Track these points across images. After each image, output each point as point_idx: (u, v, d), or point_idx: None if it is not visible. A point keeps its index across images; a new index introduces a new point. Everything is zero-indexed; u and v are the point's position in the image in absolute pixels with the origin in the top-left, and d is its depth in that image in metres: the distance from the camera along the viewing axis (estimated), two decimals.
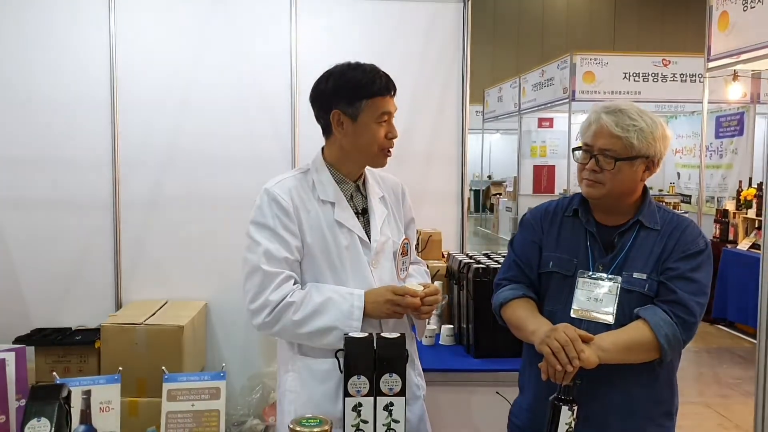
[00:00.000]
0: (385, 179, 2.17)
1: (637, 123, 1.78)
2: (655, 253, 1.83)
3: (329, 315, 1.88)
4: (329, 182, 2.00)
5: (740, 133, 10.14)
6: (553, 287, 1.90)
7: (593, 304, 1.81)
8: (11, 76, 3.73)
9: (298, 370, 1.98)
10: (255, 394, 3.75)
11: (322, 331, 1.88)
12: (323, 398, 1.92)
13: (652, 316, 1.75)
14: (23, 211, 3.76)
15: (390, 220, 2.08)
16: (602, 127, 1.80)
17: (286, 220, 1.93)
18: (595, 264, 1.85)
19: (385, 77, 1.96)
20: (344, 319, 1.87)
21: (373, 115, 1.93)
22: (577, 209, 1.92)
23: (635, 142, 1.77)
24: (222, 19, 3.85)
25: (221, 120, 3.86)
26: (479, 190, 18.01)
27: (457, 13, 3.98)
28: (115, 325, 3.39)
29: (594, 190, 1.84)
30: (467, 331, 2.91)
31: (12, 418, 1.63)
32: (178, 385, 1.69)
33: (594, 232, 1.88)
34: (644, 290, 1.80)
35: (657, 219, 1.87)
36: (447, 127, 4.01)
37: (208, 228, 3.86)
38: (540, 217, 1.99)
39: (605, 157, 1.80)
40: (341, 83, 1.96)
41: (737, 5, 5.70)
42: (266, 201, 1.95)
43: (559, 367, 1.64)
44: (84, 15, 3.75)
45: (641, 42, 18.36)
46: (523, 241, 2.00)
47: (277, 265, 1.89)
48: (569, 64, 9.92)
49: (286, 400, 1.99)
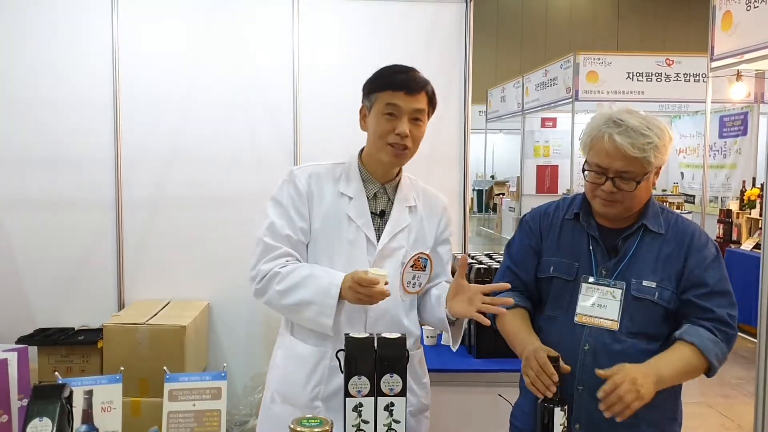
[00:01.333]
0: (428, 193, 2.15)
1: (651, 139, 1.71)
2: (662, 258, 1.80)
3: (308, 289, 1.91)
4: (354, 178, 2.03)
5: (744, 133, 10.11)
6: (553, 292, 1.88)
7: (597, 310, 1.79)
8: (15, 77, 3.74)
9: (286, 347, 2.08)
10: (257, 394, 3.75)
11: (301, 304, 1.92)
12: (297, 380, 2.00)
13: (700, 340, 1.73)
14: (26, 211, 3.77)
15: (412, 231, 2.05)
16: (617, 149, 1.71)
17: (298, 201, 2.00)
18: (598, 268, 1.83)
19: (409, 75, 1.96)
20: (321, 295, 1.90)
21: (380, 107, 1.94)
22: (578, 213, 1.90)
23: (652, 160, 1.73)
24: (224, 20, 3.85)
25: (223, 121, 3.87)
26: (482, 190, 17.99)
27: (459, 14, 3.98)
28: (118, 325, 3.40)
29: (611, 209, 1.79)
30: (468, 332, 2.91)
31: (14, 418, 1.64)
32: (179, 385, 1.70)
33: (596, 237, 1.85)
34: (654, 298, 1.78)
35: (661, 222, 1.84)
36: (449, 128, 4.00)
37: (210, 228, 3.87)
38: (539, 220, 1.96)
39: (623, 179, 1.74)
40: (370, 79, 2.01)
41: (740, 5, 5.68)
42: (286, 180, 2.05)
43: (539, 395, 1.66)
44: (87, 17, 3.76)
45: (645, 42, 18.35)
46: (520, 245, 1.98)
47: (278, 240, 1.98)
48: (572, 64, 9.91)
49: (271, 375, 2.14)
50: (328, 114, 3.81)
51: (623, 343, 1.78)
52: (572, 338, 1.82)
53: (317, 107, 3.83)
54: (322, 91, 3.84)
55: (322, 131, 3.84)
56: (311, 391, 1.99)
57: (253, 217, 4.06)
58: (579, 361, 1.79)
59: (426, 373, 2.16)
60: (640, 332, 1.79)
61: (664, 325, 1.81)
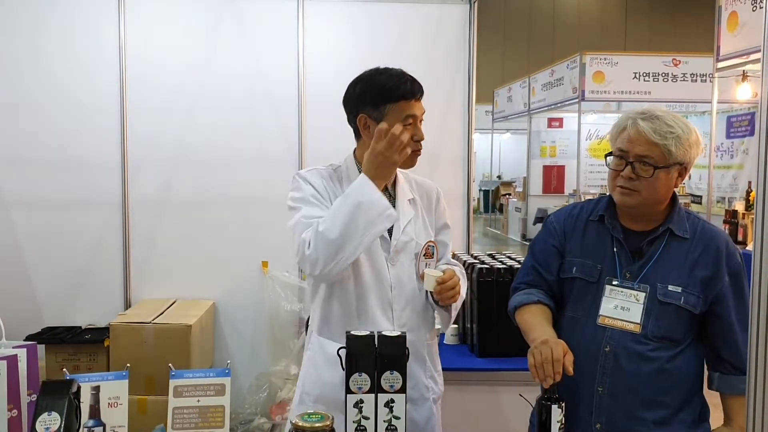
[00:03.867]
0: (420, 183, 2.20)
1: (674, 130, 1.73)
2: (689, 263, 1.80)
3: (343, 204, 1.87)
4: (356, 179, 2.02)
5: (751, 133, 10.08)
6: (576, 293, 1.88)
7: (620, 313, 1.79)
8: (24, 81, 3.79)
9: (314, 348, 2.07)
10: (262, 393, 3.78)
11: (350, 216, 1.84)
12: (330, 382, 1.96)
13: (735, 389, 1.82)
14: (35, 211, 3.82)
15: (417, 223, 2.10)
16: (639, 133, 1.74)
17: (319, 196, 1.99)
18: (622, 271, 1.82)
19: (411, 81, 2.00)
20: (356, 194, 1.87)
21: (397, 119, 1.96)
22: (603, 214, 1.89)
23: (673, 150, 1.73)
24: (230, 22, 3.89)
25: (229, 121, 3.90)
26: (489, 190, 17.96)
27: (463, 15, 4.00)
28: (124, 323, 3.44)
29: (629, 199, 1.79)
30: (471, 331, 2.93)
31: (24, 413, 1.67)
32: (184, 381, 1.73)
33: (621, 239, 1.84)
34: (680, 303, 1.78)
35: (687, 227, 1.83)
36: (453, 128, 4.02)
37: (216, 227, 3.91)
38: (563, 220, 1.96)
39: (642, 164, 1.75)
40: (367, 88, 2.00)
41: (746, 5, 5.68)
42: (300, 180, 2.03)
43: (536, 379, 1.67)
44: (95, 21, 3.81)
45: (653, 42, 18.28)
46: (544, 245, 1.97)
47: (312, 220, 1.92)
48: (579, 64, 9.90)
49: (301, 377, 2.10)
50: (333, 116, 3.78)
51: (645, 346, 1.78)
52: (593, 340, 1.82)
53: (322, 109, 3.85)
54: (327, 93, 3.82)
55: (327, 133, 3.85)
56: None
57: (258, 218, 4.09)
58: (599, 363, 1.80)
59: (440, 364, 2.20)
60: (664, 336, 1.79)
61: (689, 330, 1.81)
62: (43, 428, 1.50)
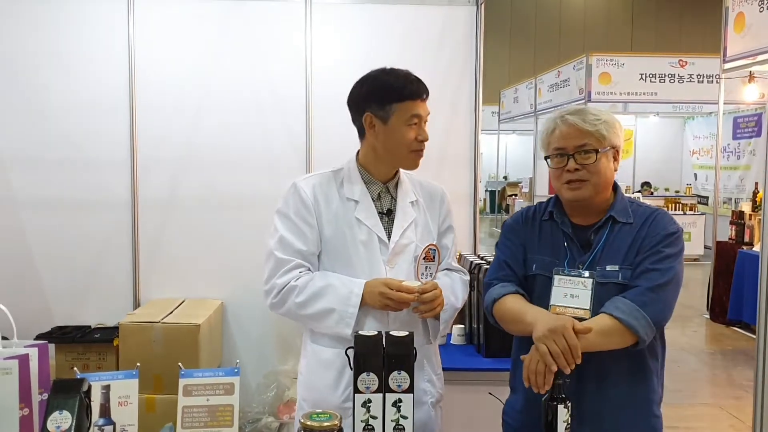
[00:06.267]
0: (424, 185, 2.22)
1: (601, 117, 1.86)
2: (635, 246, 1.84)
3: (328, 298, 1.98)
4: (357, 181, 2.08)
5: (758, 134, 10.06)
6: (538, 289, 1.92)
7: (570, 300, 1.83)
8: (34, 81, 3.82)
9: (309, 356, 2.12)
10: (270, 392, 3.80)
11: (322, 313, 1.99)
12: (325, 386, 2.04)
13: (611, 308, 1.77)
14: (45, 211, 3.84)
15: (418, 225, 2.12)
16: (571, 126, 1.85)
17: (305, 212, 2.04)
18: (575, 264, 1.87)
19: (417, 82, 2.03)
20: (342, 303, 1.97)
21: (402, 118, 2.00)
22: (552, 212, 1.96)
23: (605, 133, 1.84)
24: (238, 24, 3.91)
25: (237, 122, 3.92)
26: (495, 190, 17.96)
27: (470, 16, 4.01)
28: (134, 323, 3.45)
29: (580, 192, 1.86)
30: (478, 331, 2.95)
31: (35, 411, 1.69)
32: (193, 380, 1.75)
33: (570, 233, 1.91)
34: (618, 279, 1.82)
35: (629, 213, 1.89)
36: (460, 129, 4.03)
37: (224, 227, 3.92)
38: (521, 222, 2.02)
39: (583, 153, 1.84)
40: (373, 87, 2.04)
41: (753, 6, 5.67)
42: (291, 193, 2.09)
43: (554, 367, 1.66)
44: (104, 22, 3.83)
45: (660, 43, 18.23)
46: (509, 242, 2.01)
47: (289, 254, 2.03)
48: (585, 65, 9.88)
49: (298, 384, 2.17)
50: (340, 117, 3.80)
51: None
52: None
53: (329, 110, 3.85)
54: (334, 94, 3.83)
55: (334, 134, 3.84)
56: (341, 395, 2.03)
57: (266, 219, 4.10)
58: None
59: (440, 366, 2.22)
60: None
61: None
62: (55, 427, 1.52)
